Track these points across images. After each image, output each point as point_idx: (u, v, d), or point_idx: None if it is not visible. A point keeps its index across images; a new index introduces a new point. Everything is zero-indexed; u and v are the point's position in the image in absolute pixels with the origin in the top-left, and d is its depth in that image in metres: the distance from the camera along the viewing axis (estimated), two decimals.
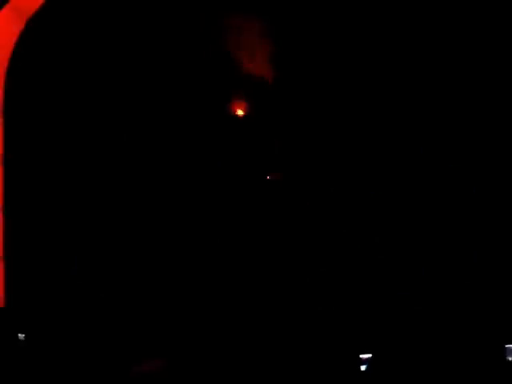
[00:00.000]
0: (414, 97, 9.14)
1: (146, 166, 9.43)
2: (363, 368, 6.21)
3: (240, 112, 9.66)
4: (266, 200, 9.61)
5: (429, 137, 9.13)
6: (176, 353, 8.09)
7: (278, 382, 6.77)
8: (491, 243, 8.85)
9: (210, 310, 9.11)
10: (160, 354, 8.32)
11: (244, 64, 9.34)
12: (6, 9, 8.48)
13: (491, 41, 8.78)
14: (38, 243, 9.29)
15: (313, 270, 9.16)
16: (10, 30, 8.67)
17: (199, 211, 9.47)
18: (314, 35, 9.21)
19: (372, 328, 7.78)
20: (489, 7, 8.68)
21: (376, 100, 9.20)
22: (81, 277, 9.29)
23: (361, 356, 6.23)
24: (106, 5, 8.99)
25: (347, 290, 8.95)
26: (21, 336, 7.92)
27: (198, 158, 9.49)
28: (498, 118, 8.90)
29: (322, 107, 9.37)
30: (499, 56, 8.80)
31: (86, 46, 9.04)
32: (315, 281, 9.12)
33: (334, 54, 9.24)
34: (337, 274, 9.11)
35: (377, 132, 9.23)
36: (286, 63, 9.40)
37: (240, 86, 9.51)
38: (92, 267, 9.32)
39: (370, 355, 6.24)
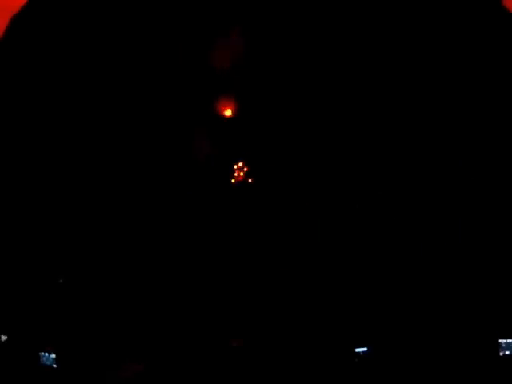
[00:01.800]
0: (388, 95, 9.18)
1: (125, 163, 9.40)
2: (359, 360, 6.16)
3: (228, 113, 9.64)
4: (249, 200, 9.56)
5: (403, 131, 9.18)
6: (153, 358, 7.99)
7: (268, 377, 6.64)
8: (486, 244, 8.87)
9: (186, 315, 9.02)
10: (137, 360, 8.19)
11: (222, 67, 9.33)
12: None
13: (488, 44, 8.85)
14: (18, 246, 9.23)
15: (306, 265, 9.09)
16: None
17: (174, 212, 9.41)
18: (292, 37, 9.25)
19: (368, 322, 7.71)
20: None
21: (353, 102, 9.23)
22: (60, 281, 9.22)
23: (357, 350, 6.18)
24: (87, 3, 9.00)
25: (343, 285, 8.88)
26: (3, 338, 7.79)
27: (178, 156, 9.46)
28: (493, 120, 8.96)
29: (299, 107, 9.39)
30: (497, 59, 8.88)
31: (70, 42, 9.04)
32: (309, 275, 9.05)
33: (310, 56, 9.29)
34: (332, 268, 9.05)
35: (354, 130, 9.25)
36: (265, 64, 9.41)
37: (219, 89, 9.50)
38: (71, 272, 9.24)
39: (365, 349, 6.19)
